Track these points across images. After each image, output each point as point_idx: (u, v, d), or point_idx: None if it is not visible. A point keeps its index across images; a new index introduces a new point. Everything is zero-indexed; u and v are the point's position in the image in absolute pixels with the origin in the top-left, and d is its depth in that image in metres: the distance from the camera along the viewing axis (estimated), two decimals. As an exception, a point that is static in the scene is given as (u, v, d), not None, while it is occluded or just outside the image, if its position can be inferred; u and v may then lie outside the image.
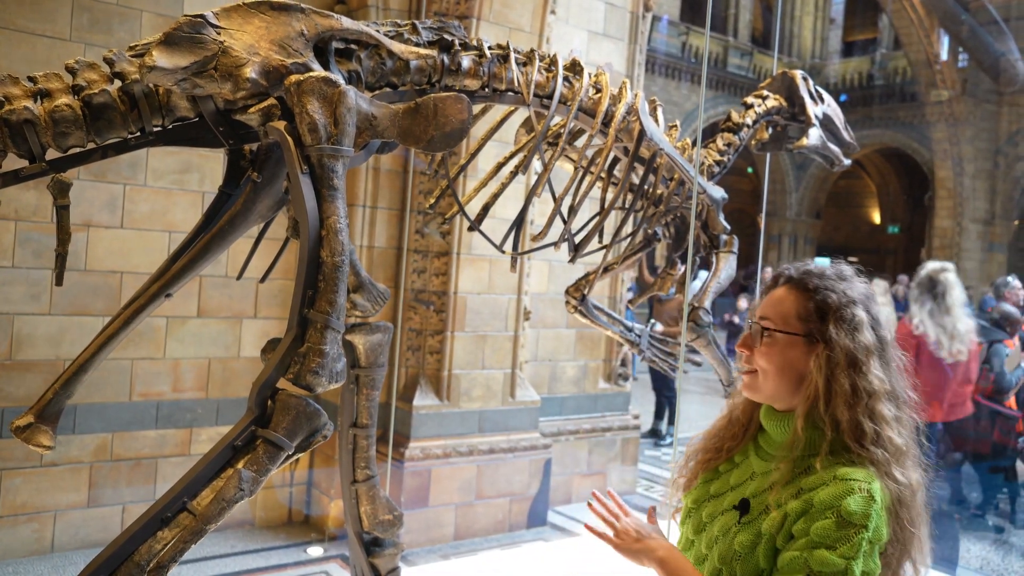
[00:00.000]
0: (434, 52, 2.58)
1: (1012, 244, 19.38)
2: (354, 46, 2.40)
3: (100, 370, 2.38)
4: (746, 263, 15.45)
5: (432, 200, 3.31)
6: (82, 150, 2.14)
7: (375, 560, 2.67)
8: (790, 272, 1.69)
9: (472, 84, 2.70)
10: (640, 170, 3.33)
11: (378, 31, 2.45)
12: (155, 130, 2.19)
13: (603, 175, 3.34)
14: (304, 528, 5.80)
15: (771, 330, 1.63)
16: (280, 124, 2.15)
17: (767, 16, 24.62)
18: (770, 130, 4.01)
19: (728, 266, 3.52)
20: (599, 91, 3.08)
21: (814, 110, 3.94)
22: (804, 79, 4.00)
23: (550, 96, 2.92)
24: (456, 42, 2.65)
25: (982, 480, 6.97)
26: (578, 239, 3.29)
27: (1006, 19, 17.21)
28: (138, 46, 2.11)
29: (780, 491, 1.54)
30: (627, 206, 3.39)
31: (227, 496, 1.94)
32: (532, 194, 3.00)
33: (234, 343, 5.62)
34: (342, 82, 2.19)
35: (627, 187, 3.35)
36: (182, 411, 5.44)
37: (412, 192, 5.70)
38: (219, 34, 2.11)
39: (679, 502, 1.82)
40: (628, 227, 3.52)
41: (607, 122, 3.07)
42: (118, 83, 2.11)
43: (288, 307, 2.16)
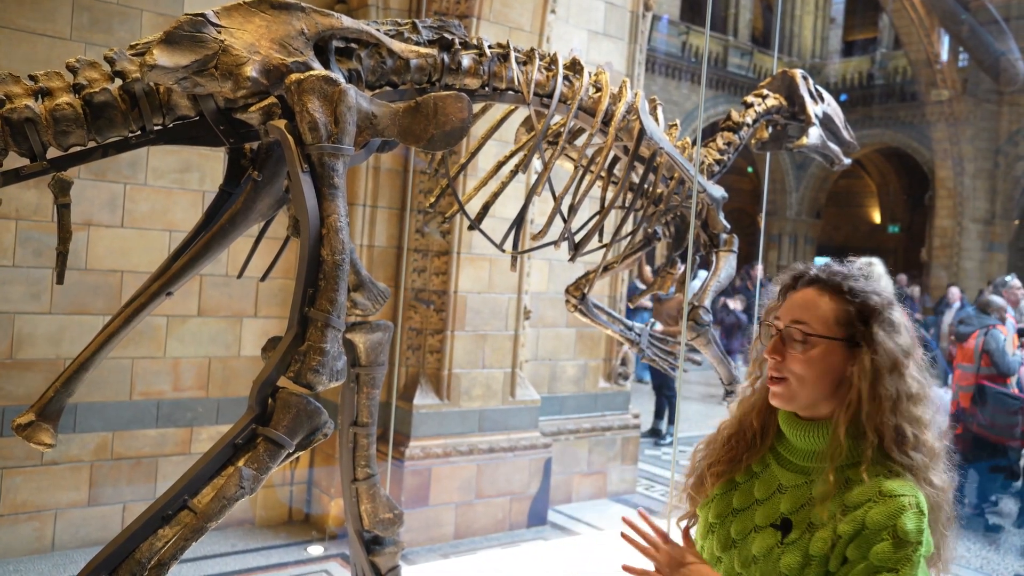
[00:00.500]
0: (434, 51, 2.58)
1: (1012, 244, 19.36)
2: (354, 45, 2.40)
3: (100, 369, 2.38)
4: (746, 262, 15.43)
5: (432, 199, 3.31)
6: (83, 149, 2.14)
7: (375, 558, 2.68)
8: (815, 273, 1.61)
9: (472, 83, 2.70)
10: (640, 169, 3.33)
11: (378, 30, 2.45)
12: (156, 129, 2.19)
13: (603, 174, 3.34)
14: (304, 527, 5.80)
15: (812, 335, 1.54)
16: (281, 123, 2.15)
17: (767, 15, 24.59)
18: (770, 129, 4.01)
19: (728, 265, 3.53)
20: (599, 90, 3.08)
21: (814, 109, 3.94)
22: (804, 78, 4.00)
23: (550, 95, 2.92)
24: (456, 41, 2.65)
25: (982, 479, 6.97)
26: (578, 238, 3.29)
27: (1006, 18, 17.20)
28: (139, 45, 2.11)
29: (824, 506, 1.48)
30: (627, 205, 3.39)
31: (228, 494, 1.94)
32: (532, 193, 3.00)
33: (234, 342, 5.62)
34: (342, 81, 2.19)
35: (627, 186, 3.35)
36: (182, 410, 5.44)
37: (412, 191, 5.70)
38: (220, 33, 2.11)
39: (686, 508, 1.76)
40: (628, 226, 3.52)
41: (607, 121, 3.07)
42: (119, 82, 2.11)
43: (288, 306, 2.16)
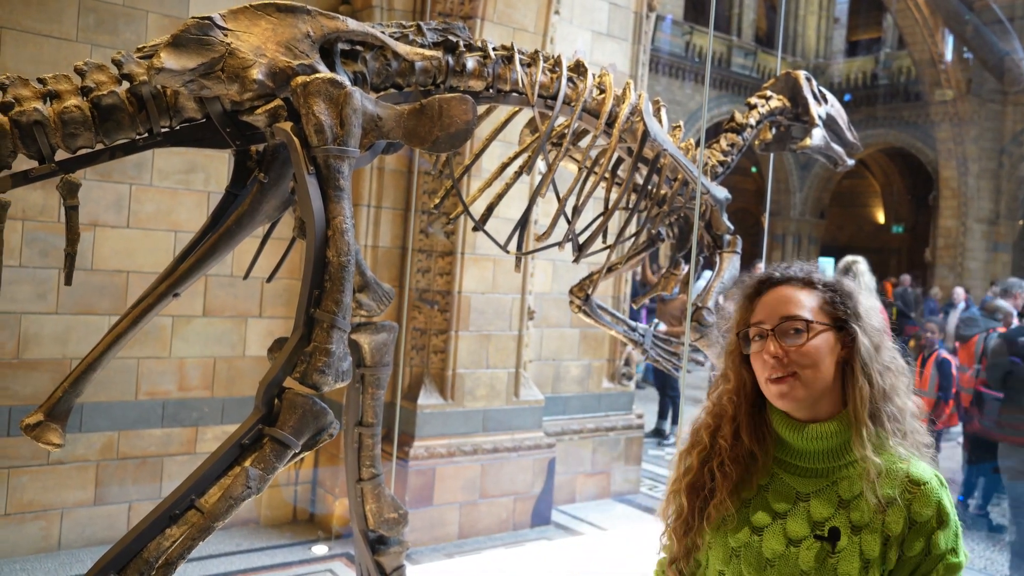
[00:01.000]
0: (439, 53, 2.59)
1: (1016, 244, 19.29)
2: (359, 47, 2.41)
3: (106, 369, 2.39)
4: (748, 262, 15.39)
5: (437, 200, 3.33)
6: (91, 151, 2.16)
7: (380, 558, 2.69)
8: (780, 273, 1.63)
9: (476, 85, 2.72)
10: (644, 170, 3.34)
11: (383, 32, 2.46)
12: (163, 131, 2.21)
13: (607, 175, 3.35)
14: (309, 526, 5.82)
15: (812, 322, 1.54)
16: (286, 125, 2.16)
17: (771, 16, 24.56)
18: (774, 130, 4.02)
19: (732, 266, 3.53)
20: (603, 91, 3.09)
21: (817, 110, 3.95)
22: (808, 79, 4.01)
23: (554, 97, 2.93)
24: (460, 43, 2.66)
25: (985, 479, 6.96)
26: (582, 239, 3.29)
27: (1010, 18, 17.16)
28: (146, 48, 2.13)
29: (867, 502, 1.49)
30: (631, 206, 3.40)
31: (234, 494, 1.96)
32: (536, 194, 3.01)
33: (239, 342, 5.64)
34: (348, 83, 2.20)
35: (631, 187, 3.36)
36: (188, 410, 5.46)
37: (416, 192, 5.71)
38: (226, 36, 2.12)
39: (671, 547, 1.70)
40: (632, 227, 3.53)
41: (611, 122, 3.07)
42: (126, 84, 2.12)
43: (293, 307, 2.17)
